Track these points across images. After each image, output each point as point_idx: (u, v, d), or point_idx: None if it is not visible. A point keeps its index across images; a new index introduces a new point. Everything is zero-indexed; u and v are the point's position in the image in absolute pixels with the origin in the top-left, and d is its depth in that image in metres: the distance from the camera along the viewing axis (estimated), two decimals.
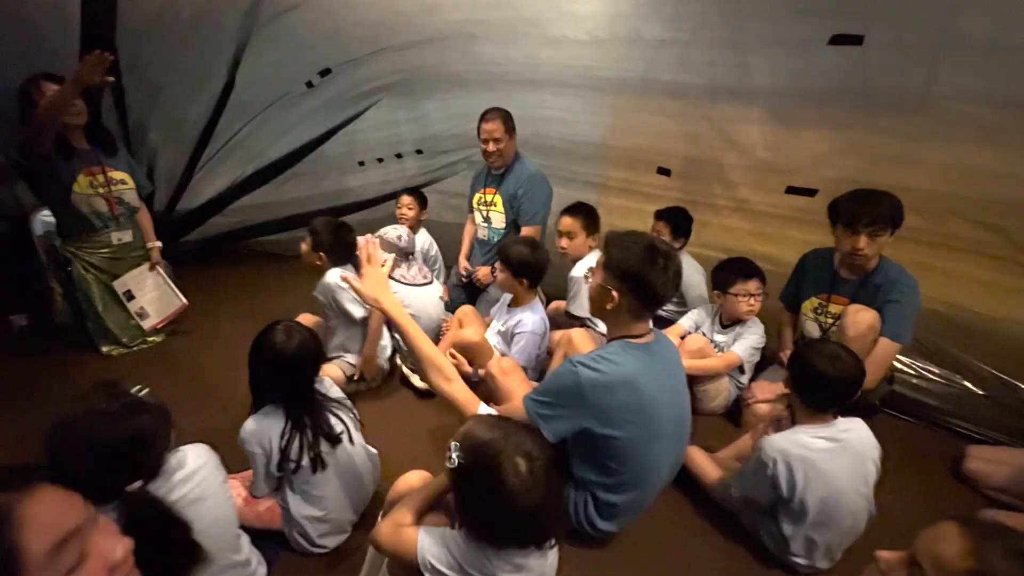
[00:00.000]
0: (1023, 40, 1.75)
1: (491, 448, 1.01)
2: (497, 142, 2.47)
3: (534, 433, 1.07)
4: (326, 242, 2.17)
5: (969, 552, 0.65)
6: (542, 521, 1.01)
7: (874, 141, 2.18)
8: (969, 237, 2.10)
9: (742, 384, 2.18)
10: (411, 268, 2.47)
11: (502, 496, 0.97)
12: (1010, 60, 1.80)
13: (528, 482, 0.97)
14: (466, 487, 1.05)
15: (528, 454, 1.00)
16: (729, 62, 2.19)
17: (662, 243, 1.40)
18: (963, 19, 1.79)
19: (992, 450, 1.95)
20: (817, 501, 1.41)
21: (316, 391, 1.50)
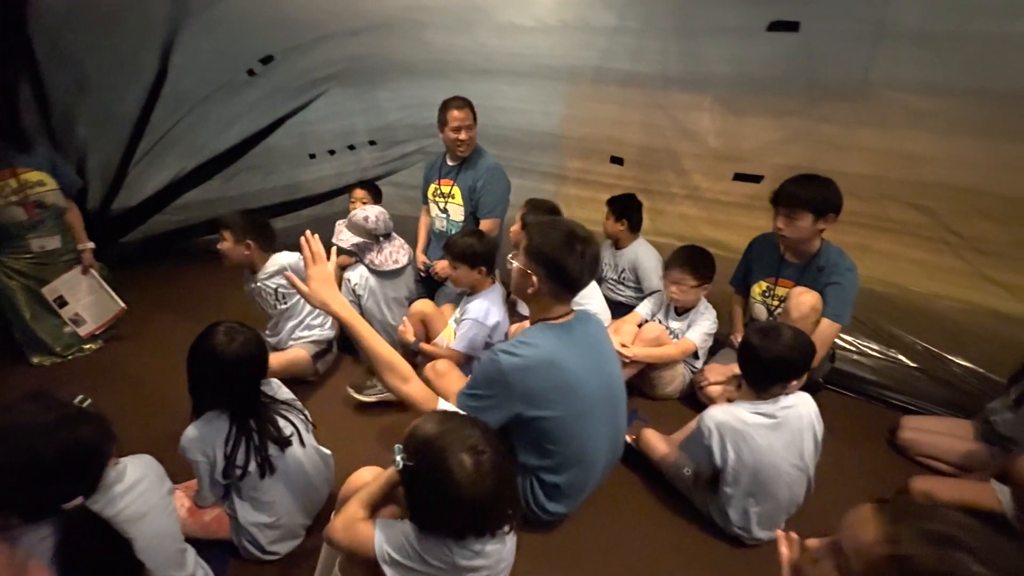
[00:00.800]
0: (953, 29, 1.83)
1: (436, 446, 1.00)
2: (469, 130, 2.42)
3: (482, 426, 1.07)
4: (248, 228, 2.10)
5: (885, 538, 0.66)
6: (493, 512, 1.02)
7: (816, 128, 2.26)
8: (903, 219, 2.21)
9: (696, 368, 2.24)
10: (382, 252, 2.36)
11: (450, 492, 0.97)
12: (941, 48, 1.89)
13: (475, 477, 0.97)
14: (414, 486, 1.05)
15: (474, 448, 1.00)
16: (676, 50, 2.22)
17: (581, 229, 1.43)
18: (895, 7, 1.87)
19: (924, 420, 2.08)
20: (749, 472, 1.48)
21: (263, 393, 1.44)
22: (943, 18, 1.84)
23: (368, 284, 2.34)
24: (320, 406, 2.11)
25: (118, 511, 1.08)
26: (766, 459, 1.47)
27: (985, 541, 0.62)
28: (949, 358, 2.26)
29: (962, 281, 2.17)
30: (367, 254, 2.34)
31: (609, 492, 1.72)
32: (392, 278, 2.40)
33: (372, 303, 2.37)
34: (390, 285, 2.39)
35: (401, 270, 2.42)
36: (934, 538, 0.63)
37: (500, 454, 1.03)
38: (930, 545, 0.63)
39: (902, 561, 0.64)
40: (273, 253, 2.19)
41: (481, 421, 1.10)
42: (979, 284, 2.14)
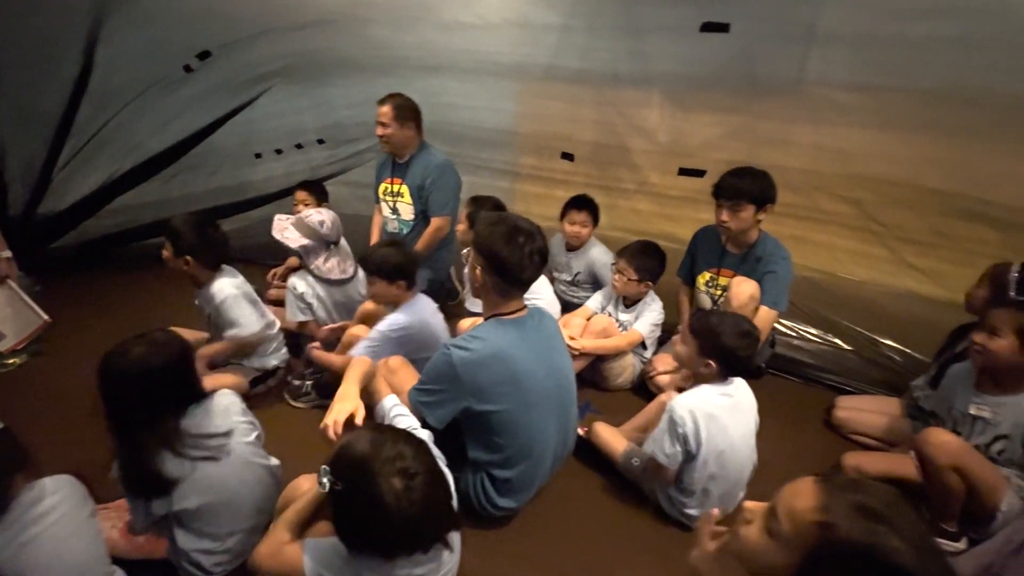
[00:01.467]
0: (874, 31, 1.94)
1: (365, 469, 0.96)
2: (384, 126, 2.39)
3: (414, 444, 1.04)
4: (192, 243, 1.96)
5: (818, 506, 0.70)
6: (425, 533, 1.00)
7: (755, 125, 2.35)
8: (834, 210, 2.33)
9: (646, 359, 2.30)
10: (330, 260, 2.27)
11: (379, 516, 0.95)
12: (864, 49, 2.00)
13: (405, 501, 0.95)
14: (342, 509, 1.01)
15: (404, 471, 0.97)
16: (618, 49, 2.27)
17: (527, 224, 1.45)
18: (823, 11, 1.96)
19: (856, 399, 2.20)
20: (716, 453, 1.53)
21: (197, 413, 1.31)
22: (866, 21, 1.94)
23: (316, 292, 2.27)
24: (267, 413, 2.05)
25: (35, 534, 1.02)
26: (729, 439, 1.54)
27: (906, 518, 0.67)
28: (879, 340, 2.40)
29: (888, 268, 2.31)
30: (313, 258, 2.24)
31: (560, 485, 1.75)
32: (340, 284, 2.33)
33: (323, 311, 2.31)
34: (338, 291, 2.32)
35: (349, 279, 2.35)
36: (861, 511, 0.67)
37: (433, 473, 1.02)
38: (857, 517, 0.67)
39: (828, 528, 0.68)
40: (217, 271, 2.03)
41: (415, 436, 1.08)
42: (903, 270, 2.28)
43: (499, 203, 2.31)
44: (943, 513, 1.55)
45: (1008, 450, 1.51)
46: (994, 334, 1.49)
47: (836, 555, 0.66)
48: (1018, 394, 1.50)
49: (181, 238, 1.96)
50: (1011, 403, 1.50)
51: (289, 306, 2.25)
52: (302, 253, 2.24)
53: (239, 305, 2.00)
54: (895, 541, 0.63)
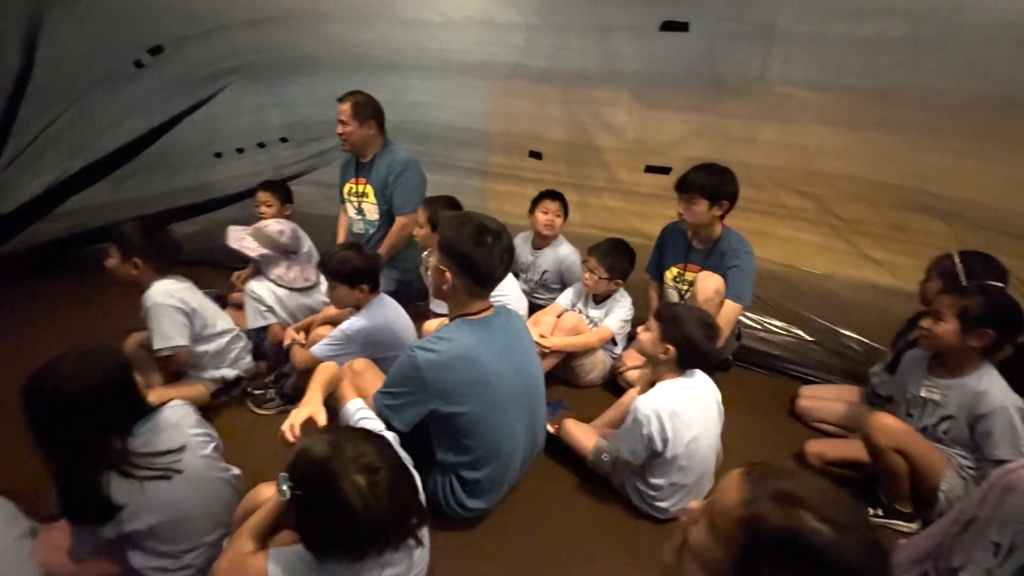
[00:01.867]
0: (826, 29, 2.00)
1: (325, 470, 0.94)
2: (343, 124, 2.36)
3: (375, 441, 1.03)
4: (141, 246, 1.88)
5: (743, 500, 0.70)
6: (394, 529, 0.99)
7: (720, 123, 2.39)
8: (795, 205, 2.40)
9: (616, 355, 2.32)
10: (292, 269, 2.23)
11: (345, 517, 0.93)
12: (821, 49, 2.05)
13: (370, 497, 0.93)
14: (305, 514, 0.99)
15: (368, 467, 0.95)
16: (580, 47, 2.27)
17: (493, 222, 1.44)
18: (771, 8, 2.00)
19: (818, 388, 2.27)
20: (683, 447, 1.55)
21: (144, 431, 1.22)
22: (818, 21, 1.99)
23: (277, 296, 2.21)
24: (230, 421, 1.99)
25: None
26: (693, 432, 1.55)
27: (826, 498, 0.68)
28: (840, 330, 2.47)
29: (847, 260, 2.38)
30: (273, 268, 2.19)
31: (531, 483, 1.75)
32: (303, 292, 2.28)
33: (285, 315, 2.24)
34: (300, 297, 2.27)
35: (312, 286, 2.30)
36: (781, 497, 0.68)
37: (397, 468, 1.00)
38: (777, 504, 0.68)
39: (752, 519, 0.68)
40: (167, 275, 1.94)
41: (375, 434, 1.07)
42: (861, 262, 2.36)
43: (454, 202, 2.28)
44: (895, 494, 1.62)
45: (953, 430, 1.58)
46: (939, 319, 1.55)
47: (763, 545, 0.67)
48: (963, 377, 1.56)
49: (130, 241, 1.88)
50: (957, 385, 1.57)
51: (249, 311, 2.19)
52: (261, 263, 2.19)
53: (161, 315, 1.87)
54: (814, 523, 0.65)
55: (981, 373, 1.53)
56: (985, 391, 1.50)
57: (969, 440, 1.56)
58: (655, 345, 1.60)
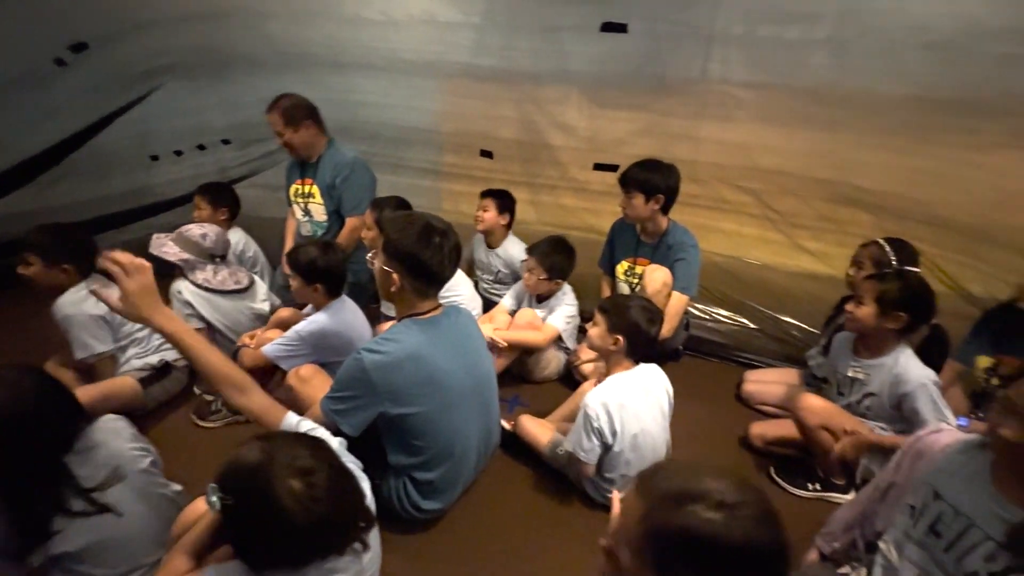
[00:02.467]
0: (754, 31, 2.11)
1: (258, 477, 0.90)
2: (279, 135, 2.29)
3: (310, 443, 1.00)
4: (62, 250, 1.81)
5: (641, 515, 0.70)
6: (337, 533, 0.96)
7: (664, 121, 2.47)
8: (735, 200, 2.51)
9: (570, 349, 2.36)
10: (219, 272, 2.15)
11: (282, 524, 0.89)
12: (755, 50, 2.16)
13: (308, 501, 0.89)
14: (239, 525, 0.94)
15: (303, 470, 0.91)
16: (523, 46, 2.30)
17: (439, 221, 1.44)
18: (702, 11, 2.09)
19: (762, 373, 2.39)
20: (631, 439, 1.59)
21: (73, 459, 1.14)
22: (746, 23, 2.10)
23: (204, 299, 2.10)
24: (171, 435, 1.91)
25: None
26: (641, 424, 1.60)
27: (711, 486, 0.69)
28: (780, 317, 2.61)
29: (784, 251, 2.52)
30: (198, 272, 2.09)
31: (488, 481, 1.76)
32: (233, 296, 2.18)
33: (216, 320, 2.15)
34: (228, 302, 2.17)
35: (244, 290, 2.21)
36: (671, 499, 0.69)
37: (335, 469, 0.97)
38: (669, 507, 0.69)
39: (654, 531, 0.69)
40: (88, 278, 1.88)
41: (310, 437, 1.03)
42: (797, 253, 2.50)
43: (403, 203, 2.26)
44: (828, 469, 1.74)
45: (875, 406, 1.70)
46: (860, 303, 1.66)
47: (668, 550, 0.68)
48: (883, 357, 1.68)
49: (53, 246, 1.80)
50: (877, 364, 1.69)
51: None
52: (184, 267, 2.09)
53: (76, 325, 1.82)
54: (704, 514, 0.66)
55: (897, 353, 1.66)
56: (902, 370, 1.62)
57: (889, 415, 1.68)
58: (604, 338, 1.65)
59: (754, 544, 0.67)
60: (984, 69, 1.85)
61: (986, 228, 2.08)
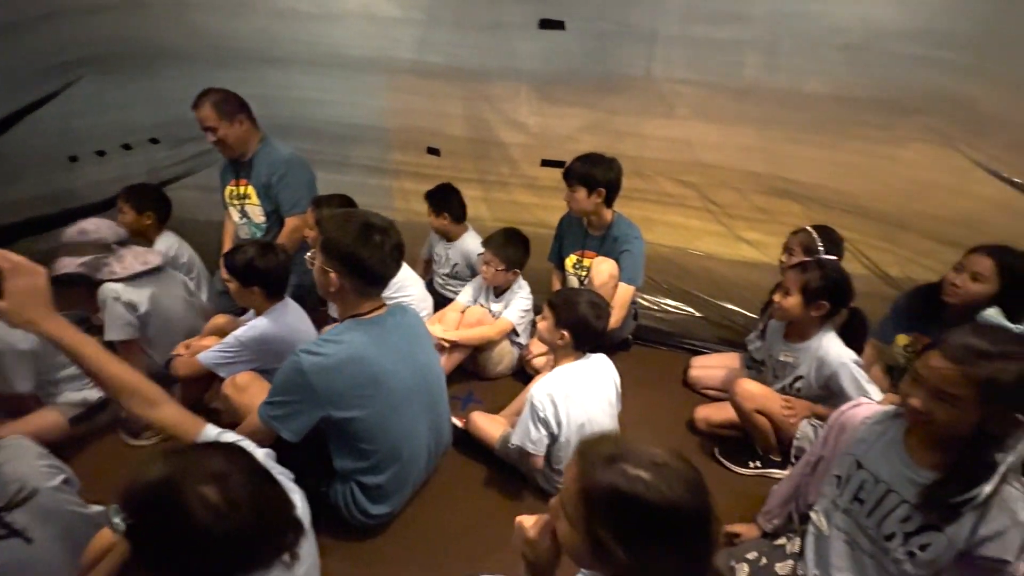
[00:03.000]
0: (686, 30, 2.18)
1: (164, 490, 0.82)
2: (213, 131, 2.17)
3: (224, 448, 0.94)
4: None
5: (577, 476, 0.78)
6: (258, 544, 0.88)
7: (610, 118, 2.52)
8: (676, 193, 2.60)
9: (522, 345, 2.38)
10: (124, 258, 1.94)
11: (196, 538, 0.81)
12: (687, 48, 2.23)
13: (225, 508, 0.82)
14: (148, 547, 0.85)
15: (217, 475, 0.84)
16: (463, 42, 2.29)
17: (379, 219, 1.41)
18: (635, 10, 2.15)
19: (706, 358, 2.48)
20: (577, 428, 1.61)
21: None
22: (677, 23, 2.17)
23: (134, 287, 1.94)
24: (98, 455, 1.80)
25: None
26: (588, 414, 1.62)
27: (642, 451, 0.76)
28: (723, 304, 2.73)
29: (723, 241, 2.63)
30: (104, 270, 1.90)
31: (442, 479, 1.75)
32: (162, 282, 2.02)
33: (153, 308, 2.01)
34: (170, 284, 2.03)
35: (158, 270, 2.03)
36: (604, 461, 0.75)
37: (255, 473, 0.90)
38: (602, 467, 0.75)
39: (587, 490, 0.75)
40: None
41: (224, 443, 0.97)
42: (736, 243, 2.62)
43: (347, 200, 2.20)
44: (766, 447, 1.83)
45: (805, 387, 1.81)
46: (787, 293, 1.76)
47: (598, 508, 0.74)
48: (808, 341, 1.79)
49: None
50: (804, 348, 1.79)
51: (112, 320, 1.90)
52: (90, 272, 1.90)
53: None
54: (632, 471, 0.73)
55: (820, 336, 1.77)
56: (826, 352, 1.73)
57: (817, 395, 1.79)
58: (552, 332, 1.67)
59: (677, 503, 0.71)
60: (894, 69, 2.00)
61: (901, 216, 2.25)
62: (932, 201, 2.18)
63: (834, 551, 1.24)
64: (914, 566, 1.12)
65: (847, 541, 1.23)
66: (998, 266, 1.67)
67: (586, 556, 0.78)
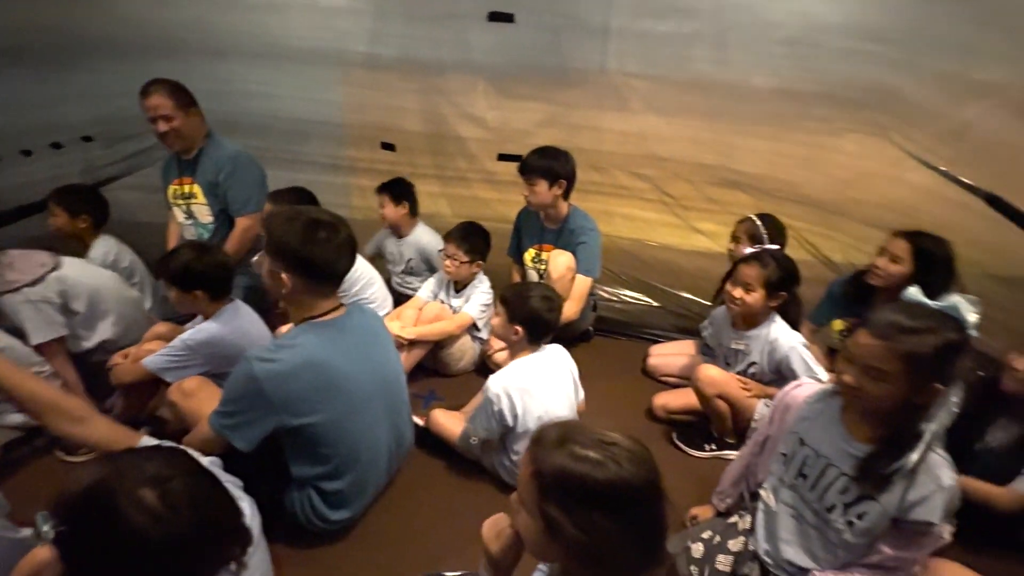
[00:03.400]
0: (630, 24, 2.21)
1: (98, 494, 0.77)
2: (168, 120, 2.05)
3: (163, 451, 0.90)
4: None
5: (529, 460, 0.79)
6: (201, 550, 0.83)
7: (567, 112, 2.53)
8: (632, 186, 2.65)
9: (484, 340, 2.37)
10: (13, 266, 1.79)
11: (134, 544, 0.76)
12: (635, 42, 2.27)
13: (165, 511, 0.77)
14: (79, 558, 0.79)
15: (155, 478, 0.79)
16: (420, 35, 2.27)
17: (327, 215, 1.38)
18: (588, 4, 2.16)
19: (664, 346, 2.54)
20: (535, 421, 1.62)
21: None
22: (623, 16, 2.20)
23: (57, 280, 1.82)
24: (27, 475, 1.70)
25: None
26: (545, 406, 1.63)
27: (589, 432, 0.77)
28: (680, 293, 2.80)
29: (678, 232, 2.70)
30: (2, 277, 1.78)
31: (404, 480, 1.73)
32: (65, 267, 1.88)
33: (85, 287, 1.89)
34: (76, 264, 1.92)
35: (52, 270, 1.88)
36: (551, 443, 0.77)
37: (197, 474, 0.86)
38: (552, 449, 0.76)
39: (539, 473, 0.76)
40: None
41: (164, 446, 0.92)
42: (689, 233, 2.69)
43: (304, 192, 2.14)
44: (722, 430, 1.90)
45: (758, 373, 1.88)
46: (749, 290, 1.81)
47: (550, 490, 0.74)
48: (759, 328, 1.86)
49: None
50: (755, 335, 1.87)
51: (34, 324, 1.77)
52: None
53: None
54: (580, 452, 0.74)
55: (770, 322, 1.84)
56: (776, 338, 1.81)
57: (771, 379, 1.87)
58: (505, 328, 1.67)
59: (625, 478, 0.73)
60: (831, 63, 2.09)
61: (842, 204, 2.36)
62: (870, 189, 2.29)
63: (782, 525, 1.30)
64: (853, 534, 1.18)
65: (793, 515, 1.29)
66: (913, 248, 1.80)
67: (542, 541, 0.78)
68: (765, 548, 1.31)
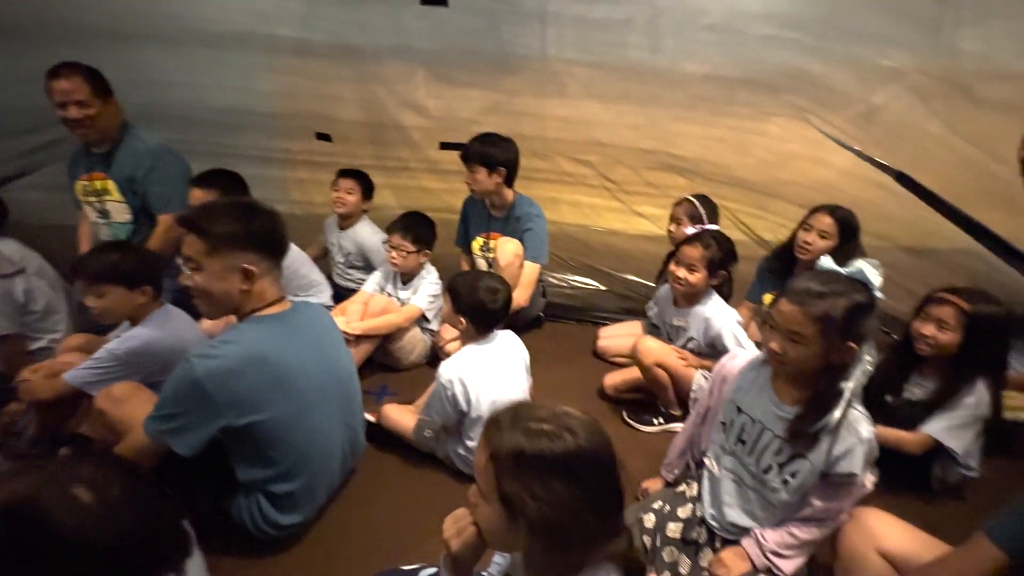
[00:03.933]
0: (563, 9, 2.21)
1: (21, 499, 0.71)
2: (82, 106, 1.86)
3: (96, 455, 0.87)
4: None
5: (483, 445, 0.79)
6: (140, 555, 0.77)
7: (509, 99, 2.52)
8: (575, 172, 2.69)
9: (434, 331, 2.34)
10: None
11: (68, 553, 0.70)
12: (569, 28, 2.28)
13: (102, 512, 0.72)
14: (9, 567, 0.72)
15: (91, 479, 0.73)
16: (353, 20, 2.19)
17: (253, 201, 1.35)
18: None
19: (612, 328, 2.60)
20: (489, 406, 1.63)
21: None
22: (554, 2, 2.20)
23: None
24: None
25: None
26: (497, 392, 1.63)
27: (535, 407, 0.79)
28: (626, 276, 2.88)
29: (622, 217, 2.77)
30: None
31: (358, 478, 1.69)
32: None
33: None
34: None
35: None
36: (506, 425, 0.77)
37: (132, 474, 0.80)
38: (504, 430, 0.77)
39: (493, 457, 0.76)
40: None
41: (97, 451, 0.88)
42: (631, 217, 2.76)
43: (231, 175, 2.04)
44: (666, 402, 1.98)
45: (695, 347, 1.98)
46: (693, 270, 1.90)
47: (505, 474, 0.75)
48: (699, 305, 1.96)
49: None
50: (693, 312, 1.97)
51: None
52: None
53: None
54: (535, 425, 0.76)
55: (707, 299, 1.94)
56: (712, 314, 1.91)
57: (707, 353, 1.96)
58: (452, 318, 1.67)
59: (580, 445, 0.75)
60: (752, 49, 2.18)
61: (770, 185, 2.50)
62: (794, 171, 2.44)
63: (724, 490, 1.37)
64: (788, 492, 1.26)
65: (734, 480, 1.36)
66: (837, 222, 1.94)
67: (503, 528, 0.78)
68: (711, 512, 1.38)
